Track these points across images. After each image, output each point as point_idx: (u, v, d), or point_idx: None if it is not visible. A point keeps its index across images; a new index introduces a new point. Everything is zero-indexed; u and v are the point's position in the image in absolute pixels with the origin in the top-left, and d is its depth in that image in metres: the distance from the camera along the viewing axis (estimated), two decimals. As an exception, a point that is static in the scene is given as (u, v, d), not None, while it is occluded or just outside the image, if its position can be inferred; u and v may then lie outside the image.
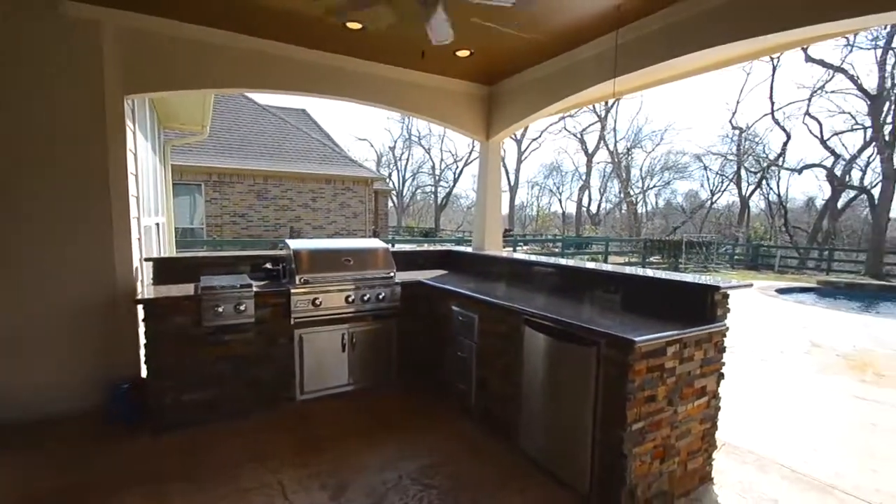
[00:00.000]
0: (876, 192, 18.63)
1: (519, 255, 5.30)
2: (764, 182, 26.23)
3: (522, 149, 35.31)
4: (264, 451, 2.98)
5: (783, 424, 3.65)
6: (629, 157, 32.01)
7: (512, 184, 36.28)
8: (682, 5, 3.10)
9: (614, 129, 31.26)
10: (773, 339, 6.41)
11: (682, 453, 2.53)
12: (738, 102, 34.43)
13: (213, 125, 14.07)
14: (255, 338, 3.48)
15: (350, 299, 3.87)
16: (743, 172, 26.68)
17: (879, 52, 17.86)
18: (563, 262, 4.02)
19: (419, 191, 44.23)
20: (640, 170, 32.69)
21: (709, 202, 30.28)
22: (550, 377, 2.73)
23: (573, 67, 4.08)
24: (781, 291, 11.19)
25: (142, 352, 3.47)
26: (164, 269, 3.81)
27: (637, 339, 2.14)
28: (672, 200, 34.75)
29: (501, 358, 3.19)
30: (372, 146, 52.70)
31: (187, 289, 3.42)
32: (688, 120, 51.61)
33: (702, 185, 31.79)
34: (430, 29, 2.89)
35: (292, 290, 3.60)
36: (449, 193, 40.12)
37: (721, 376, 2.68)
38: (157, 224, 5.66)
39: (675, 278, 2.91)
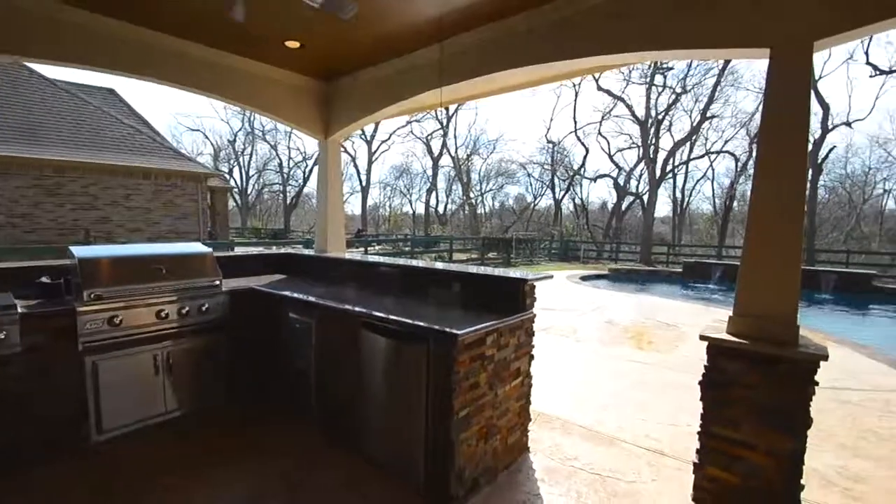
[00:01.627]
0: (646, 197, 24.09)
1: (361, 257, 5.30)
2: (571, 188, 31.99)
3: (373, 150, 35.28)
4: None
5: (582, 390, 4.44)
6: (469, 163, 35.13)
7: (364, 184, 35.94)
8: (491, 27, 3.42)
9: (455, 136, 33.79)
10: (576, 318, 7.75)
11: (502, 431, 2.86)
12: (551, 120, 42.11)
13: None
14: (23, 372, 2.74)
15: (164, 314, 3.34)
16: (556, 180, 32.18)
17: (646, 87, 23.14)
18: (402, 262, 4.16)
19: (266, 189, 40.50)
20: (479, 174, 36.50)
21: (532, 205, 35.32)
22: (388, 378, 2.80)
23: (408, 72, 4.16)
24: (584, 278, 13.61)
25: None
26: None
27: (459, 332, 2.35)
28: (505, 202, 39.76)
29: (341, 363, 3.14)
30: (207, 138, 44.47)
31: None
32: (515, 132, 59.19)
33: (527, 190, 37.01)
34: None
35: (79, 309, 2.95)
36: (299, 193, 37.67)
37: (532, 357, 3.12)
38: None
39: (494, 274, 3.24)
